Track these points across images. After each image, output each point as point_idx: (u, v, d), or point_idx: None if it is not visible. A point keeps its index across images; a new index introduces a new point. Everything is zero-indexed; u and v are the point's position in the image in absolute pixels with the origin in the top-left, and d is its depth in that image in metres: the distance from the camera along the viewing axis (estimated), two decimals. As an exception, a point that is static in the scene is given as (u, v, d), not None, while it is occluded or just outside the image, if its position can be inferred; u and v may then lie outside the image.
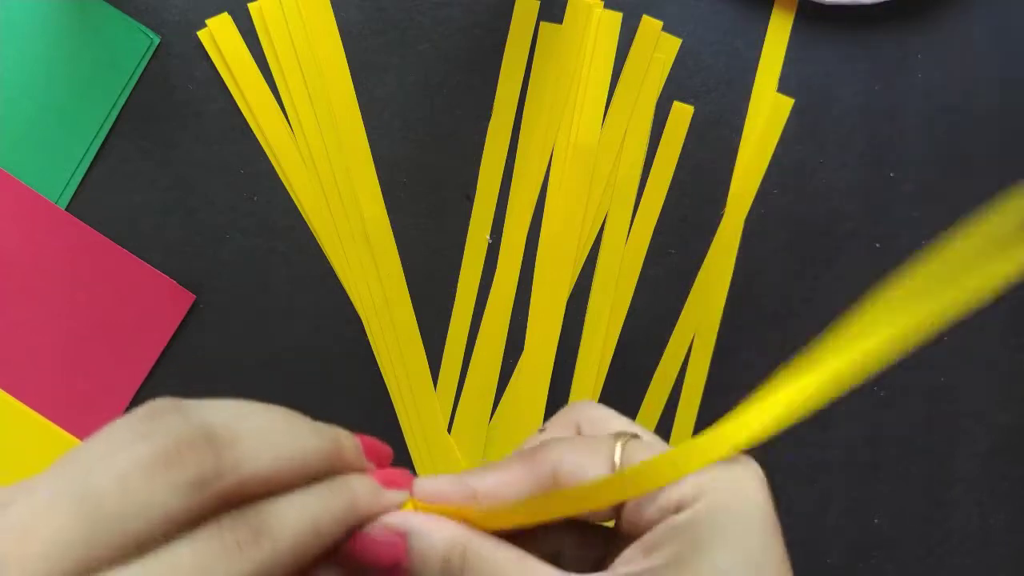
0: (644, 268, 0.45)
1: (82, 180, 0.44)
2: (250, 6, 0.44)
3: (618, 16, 0.45)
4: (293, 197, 0.45)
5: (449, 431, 0.45)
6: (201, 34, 0.44)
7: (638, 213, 0.45)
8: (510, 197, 0.45)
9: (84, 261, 0.44)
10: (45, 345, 0.43)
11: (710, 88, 0.45)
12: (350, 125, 0.45)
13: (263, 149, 0.45)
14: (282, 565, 0.21)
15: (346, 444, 0.25)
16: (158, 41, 0.44)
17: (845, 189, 0.46)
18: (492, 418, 0.45)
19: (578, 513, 0.24)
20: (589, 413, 0.27)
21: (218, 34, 0.44)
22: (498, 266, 0.45)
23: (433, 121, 0.45)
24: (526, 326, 0.45)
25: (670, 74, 0.45)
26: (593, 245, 0.45)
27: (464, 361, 0.45)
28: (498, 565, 0.23)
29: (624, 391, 0.45)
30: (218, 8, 0.44)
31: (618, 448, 0.24)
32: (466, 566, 0.24)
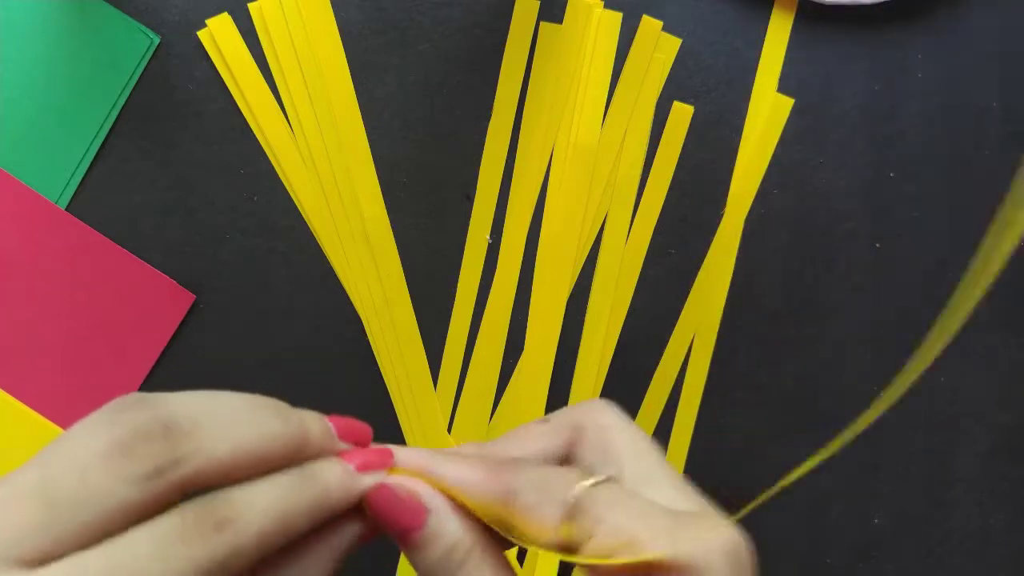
0: (644, 268, 0.45)
1: (82, 180, 0.44)
2: (250, 6, 0.44)
3: (618, 16, 0.45)
4: (293, 197, 0.45)
5: (449, 431, 0.45)
6: (201, 34, 0.44)
7: (638, 213, 0.45)
8: (510, 197, 0.45)
9: (84, 261, 0.44)
10: (45, 345, 0.43)
11: (710, 88, 0.45)
12: (350, 125, 0.45)
13: (263, 149, 0.45)
14: (245, 554, 0.21)
15: (314, 428, 0.24)
16: (158, 41, 0.44)
17: (845, 189, 0.46)
18: (492, 418, 0.45)
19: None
20: (598, 418, 0.27)
21: (218, 34, 0.44)
22: (498, 266, 0.45)
23: (433, 121, 0.45)
24: (526, 326, 0.45)
25: (670, 74, 0.45)
26: (593, 245, 0.45)
27: (464, 361, 0.45)
28: None
29: (624, 391, 0.45)
30: (218, 8, 0.44)
31: (576, 489, 0.23)
32: (465, 566, 0.24)
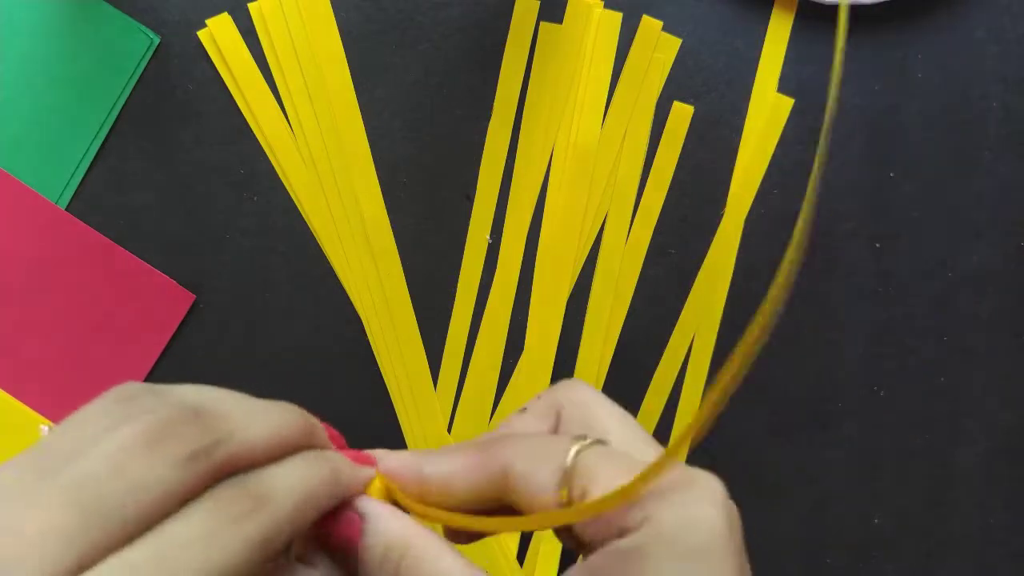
0: (644, 268, 0.45)
1: (82, 180, 0.44)
2: (250, 6, 0.44)
3: (618, 16, 0.45)
4: (293, 197, 0.45)
5: (449, 431, 0.45)
6: (201, 34, 0.44)
7: (638, 213, 0.45)
8: (510, 197, 0.45)
9: (84, 261, 0.44)
10: (45, 345, 0.43)
11: (710, 88, 0.45)
12: (350, 125, 0.45)
13: (263, 149, 0.45)
14: (284, 531, 0.21)
15: (314, 422, 0.25)
16: (158, 41, 0.44)
17: (845, 189, 0.46)
18: (492, 418, 0.45)
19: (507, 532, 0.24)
20: (573, 395, 0.27)
21: (218, 34, 0.44)
22: (498, 266, 0.45)
23: (433, 121, 0.45)
24: (526, 326, 0.45)
25: (670, 74, 0.45)
26: (593, 245, 0.45)
27: (464, 361, 0.45)
28: (436, 571, 0.23)
29: (624, 391, 0.45)
30: (218, 8, 0.44)
31: (572, 452, 0.23)
32: (403, 564, 0.23)
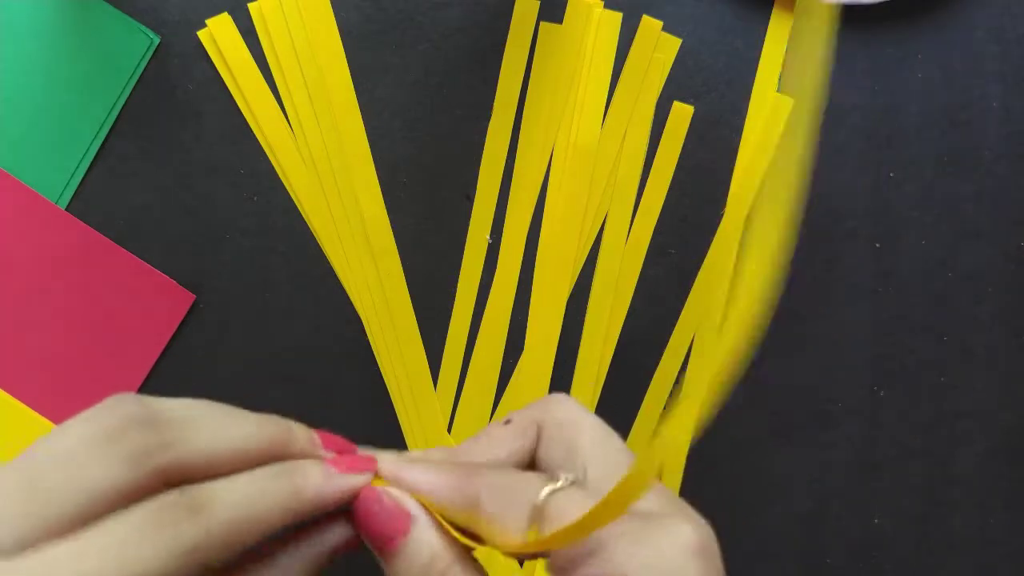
0: (644, 268, 0.45)
1: (82, 180, 0.44)
2: (250, 6, 0.44)
3: (618, 16, 0.45)
4: (293, 197, 0.45)
5: (449, 431, 0.45)
6: (201, 34, 0.44)
7: (638, 213, 0.45)
8: (510, 197, 0.45)
9: (84, 261, 0.44)
10: (45, 345, 0.43)
11: (710, 88, 0.46)
12: (350, 125, 0.45)
13: (263, 149, 0.45)
14: (219, 543, 0.21)
15: (298, 432, 0.25)
16: (158, 41, 0.44)
17: (845, 189, 0.46)
18: (492, 418, 0.45)
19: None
20: (557, 414, 0.27)
21: (218, 34, 0.44)
22: (498, 266, 0.45)
23: (433, 121, 0.45)
24: (526, 326, 0.45)
25: (670, 74, 0.45)
26: (593, 245, 0.45)
27: (464, 361, 0.45)
28: None
29: (624, 391, 0.45)
30: (218, 8, 0.44)
31: (543, 494, 0.23)
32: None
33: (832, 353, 0.46)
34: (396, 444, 0.45)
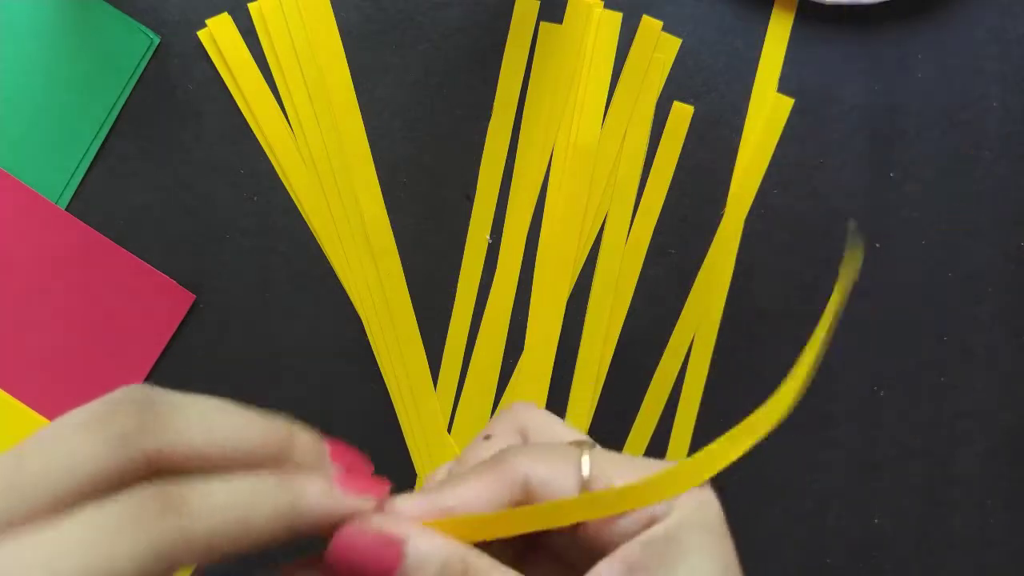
0: (644, 268, 0.45)
1: (82, 180, 0.44)
2: (250, 6, 0.44)
3: (618, 16, 0.45)
4: (293, 197, 0.45)
5: (449, 431, 0.45)
6: (201, 34, 0.44)
7: (638, 213, 0.45)
8: (510, 197, 0.45)
9: (84, 261, 0.44)
10: (45, 345, 0.43)
11: (710, 88, 0.45)
12: (350, 125, 0.45)
13: (263, 149, 0.45)
14: (195, 547, 0.20)
15: (302, 439, 0.23)
16: (158, 41, 0.44)
17: (845, 189, 0.46)
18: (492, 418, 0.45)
19: (546, 528, 0.24)
20: (535, 420, 0.27)
21: (218, 34, 0.44)
22: (498, 266, 0.45)
23: (433, 121, 0.45)
24: (526, 326, 0.45)
25: (670, 74, 0.45)
26: (593, 245, 0.45)
27: (464, 361, 0.45)
28: None
29: (624, 391, 0.45)
30: (218, 8, 0.44)
31: (585, 460, 0.24)
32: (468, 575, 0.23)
33: (832, 353, 0.46)
34: (396, 444, 0.45)
